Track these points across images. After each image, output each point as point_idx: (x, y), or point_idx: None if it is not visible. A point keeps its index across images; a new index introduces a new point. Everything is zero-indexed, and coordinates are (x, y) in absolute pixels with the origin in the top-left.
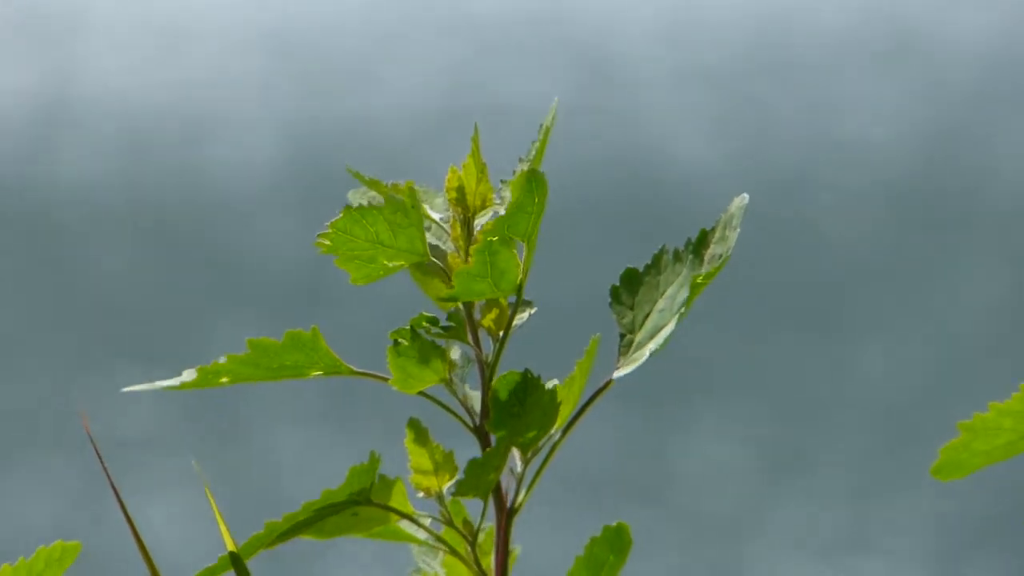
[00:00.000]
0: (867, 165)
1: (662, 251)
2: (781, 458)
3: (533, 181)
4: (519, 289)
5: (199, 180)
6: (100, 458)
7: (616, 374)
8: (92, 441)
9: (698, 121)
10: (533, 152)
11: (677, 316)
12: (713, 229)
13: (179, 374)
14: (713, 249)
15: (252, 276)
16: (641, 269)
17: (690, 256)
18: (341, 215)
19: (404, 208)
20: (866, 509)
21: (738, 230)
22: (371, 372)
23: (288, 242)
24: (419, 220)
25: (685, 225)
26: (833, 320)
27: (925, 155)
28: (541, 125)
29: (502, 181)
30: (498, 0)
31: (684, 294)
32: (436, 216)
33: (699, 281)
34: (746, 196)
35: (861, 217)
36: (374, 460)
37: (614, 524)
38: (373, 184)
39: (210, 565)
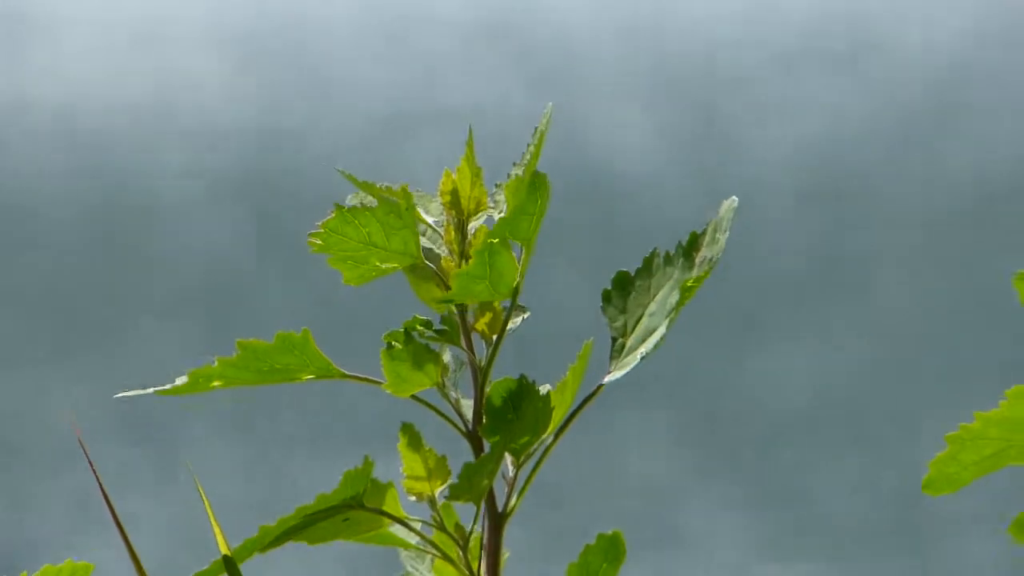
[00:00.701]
0: (813, 167)
1: (653, 254)
2: (706, 466)
3: (536, 184)
4: (515, 292)
5: (151, 182)
6: (91, 464)
7: (607, 379)
8: (82, 446)
9: (652, 123)
10: (528, 156)
11: (668, 320)
12: (703, 232)
13: (170, 378)
14: (704, 252)
15: (193, 277)
16: (633, 272)
17: (681, 259)
18: (333, 215)
19: (398, 210)
20: (788, 515)
21: (727, 233)
22: (363, 376)
23: (234, 244)
24: (413, 222)
25: (642, 229)
26: (768, 324)
27: (875, 156)
28: (536, 129)
29: (497, 185)
30: (453, 6)
31: (675, 298)
32: (430, 220)
33: (689, 284)
34: (735, 199)
35: (809, 218)
36: (368, 464)
37: (609, 532)
38: (366, 187)
39: (203, 568)
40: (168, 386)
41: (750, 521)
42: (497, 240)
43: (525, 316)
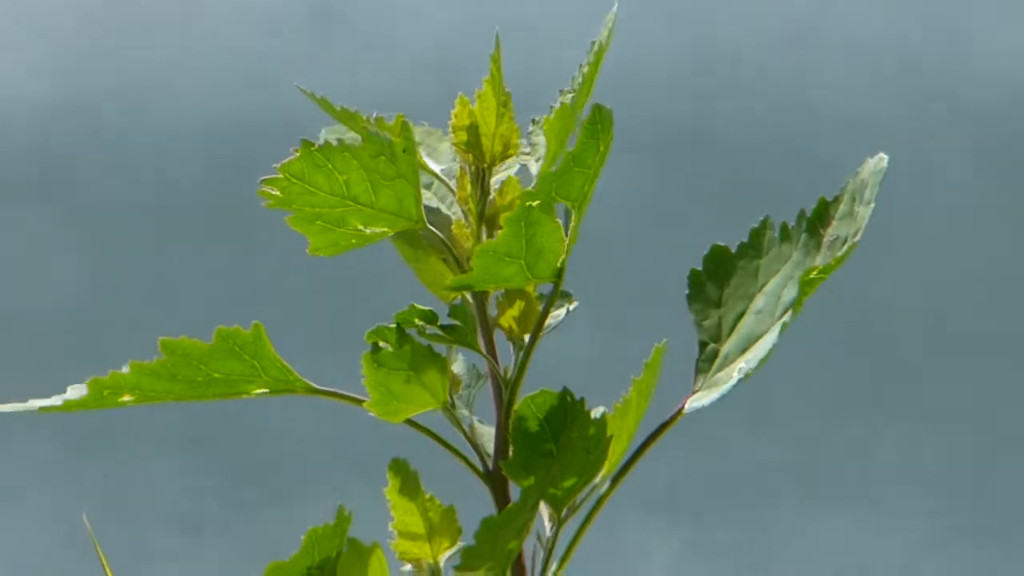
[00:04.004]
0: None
1: (763, 225)
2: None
3: (598, 122)
4: (559, 275)
5: None
6: None
7: (690, 403)
8: None
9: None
10: (581, 80)
11: (780, 325)
12: (837, 199)
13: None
14: (835, 228)
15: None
16: (734, 249)
17: (803, 235)
18: (298, 155)
19: (391, 152)
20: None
21: (872, 205)
22: (338, 391)
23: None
24: (412, 170)
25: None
26: None
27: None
28: (593, 43)
29: (534, 121)
30: None
31: (792, 292)
32: (437, 167)
33: (813, 276)
34: (885, 157)
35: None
36: (342, 519)
37: None
38: (346, 116)
39: None
40: (58, 400)
41: None
42: (538, 203)
43: (571, 308)
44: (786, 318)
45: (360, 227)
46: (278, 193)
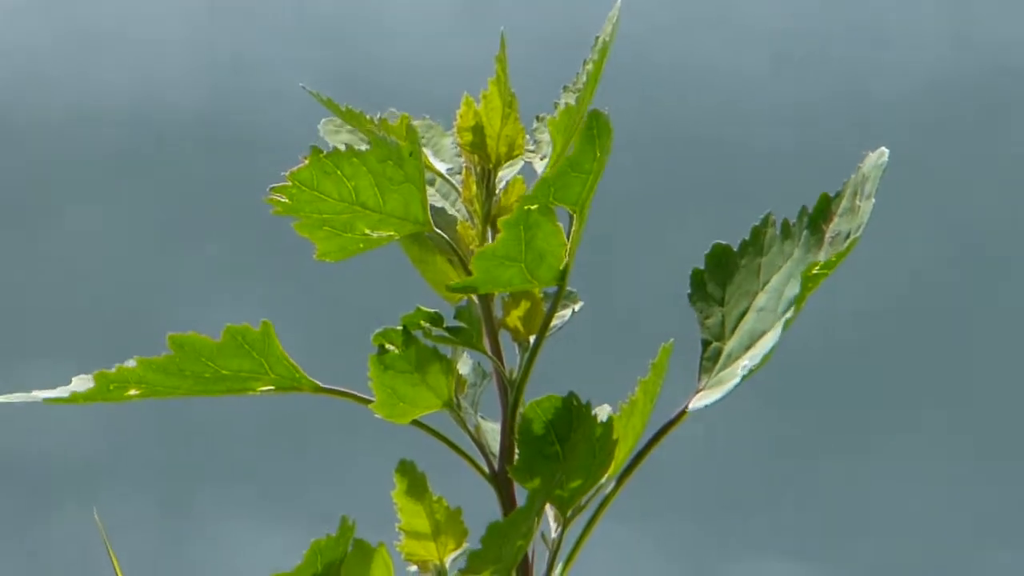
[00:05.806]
0: None
1: (764, 223)
2: None
3: (595, 127)
4: (562, 277)
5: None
6: None
7: (694, 403)
8: None
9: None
10: (584, 77)
11: (782, 322)
12: (839, 195)
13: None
14: (837, 224)
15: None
16: (735, 247)
17: (804, 232)
18: (307, 162)
19: (398, 155)
20: None
21: (873, 200)
22: (345, 390)
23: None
24: (419, 174)
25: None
26: None
27: None
28: (596, 39)
29: (538, 119)
30: None
31: (795, 289)
32: (441, 167)
33: (815, 272)
34: (885, 151)
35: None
36: (345, 529)
37: None
38: (351, 117)
39: None
40: (63, 392)
41: None
42: (536, 207)
43: (576, 308)
44: (788, 315)
45: (367, 232)
46: (286, 200)
